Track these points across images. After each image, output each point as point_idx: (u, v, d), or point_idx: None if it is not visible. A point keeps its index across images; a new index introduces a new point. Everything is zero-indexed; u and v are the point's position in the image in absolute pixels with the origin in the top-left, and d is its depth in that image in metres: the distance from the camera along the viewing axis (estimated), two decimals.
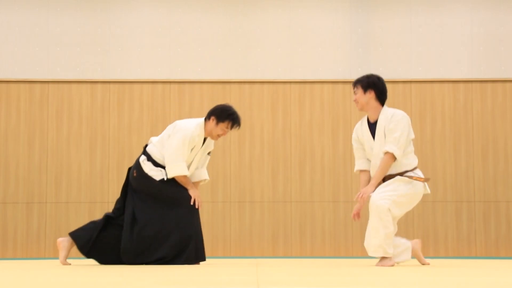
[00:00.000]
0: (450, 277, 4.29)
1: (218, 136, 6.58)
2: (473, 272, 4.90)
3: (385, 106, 6.29)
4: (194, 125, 6.53)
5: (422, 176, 6.24)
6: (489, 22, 10.20)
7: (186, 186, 6.53)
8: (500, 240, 9.90)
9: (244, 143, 10.05)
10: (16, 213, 9.86)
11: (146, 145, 6.70)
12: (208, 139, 6.67)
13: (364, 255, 9.82)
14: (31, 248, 9.81)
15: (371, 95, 6.27)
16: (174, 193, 6.52)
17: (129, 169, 6.69)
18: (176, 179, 6.53)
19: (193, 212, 6.52)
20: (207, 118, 6.58)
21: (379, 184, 6.22)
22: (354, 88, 6.37)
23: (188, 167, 6.58)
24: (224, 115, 6.55)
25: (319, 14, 10.21)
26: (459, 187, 9.96)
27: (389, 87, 6.47)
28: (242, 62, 10.16)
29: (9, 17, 10.10)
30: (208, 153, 6.76)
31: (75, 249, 6.74)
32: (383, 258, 6.08)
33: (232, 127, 6.58)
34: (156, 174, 6.52)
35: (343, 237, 9.92)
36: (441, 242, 9.93)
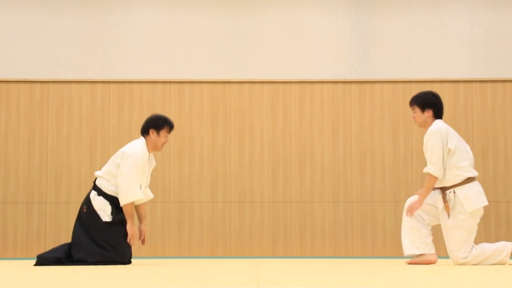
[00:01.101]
0: (450, 277, 4.29)
1: (162, 145, 6.72)
2: (473, 272, 4.90)
3: (436, 121, 6.25)
4: (141, 147, 6.66)
5: (455, 195, 6.14)
6: (489, 22, 10.20)
7: (128, 217, 6.59)
8: (500, 240, 9.88)
9: (244, 143, 10.05)
10: (16, 213, 9.86)
11: (95, 180, 6.76)
12: (150, 156, 6.79)
13: (363, 255, 9.81)
14: (31, 248, 9.81)
15: (429, 114, 6.25)
16: (116, 237, 6.56)
17: (82, 204, 6.78)
18: (125, 208, 6.58)
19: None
20: (145, 133, 6.71)
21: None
22: (411, 107, 6.33)
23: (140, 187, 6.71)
24: (161, 123, 6.70)
25: (319, 14, 10.21)
26: None
27: (389, 87, 6.48)
28: (242, 62, 10.16)
29: (9, 17, 10.10)
30: None
31: None
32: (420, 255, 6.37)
33: (170, 131, 6.74)
34: (103, 214, 6.59)
35: (343, 237, 9.92)
36: (441, 242, 9.90)
